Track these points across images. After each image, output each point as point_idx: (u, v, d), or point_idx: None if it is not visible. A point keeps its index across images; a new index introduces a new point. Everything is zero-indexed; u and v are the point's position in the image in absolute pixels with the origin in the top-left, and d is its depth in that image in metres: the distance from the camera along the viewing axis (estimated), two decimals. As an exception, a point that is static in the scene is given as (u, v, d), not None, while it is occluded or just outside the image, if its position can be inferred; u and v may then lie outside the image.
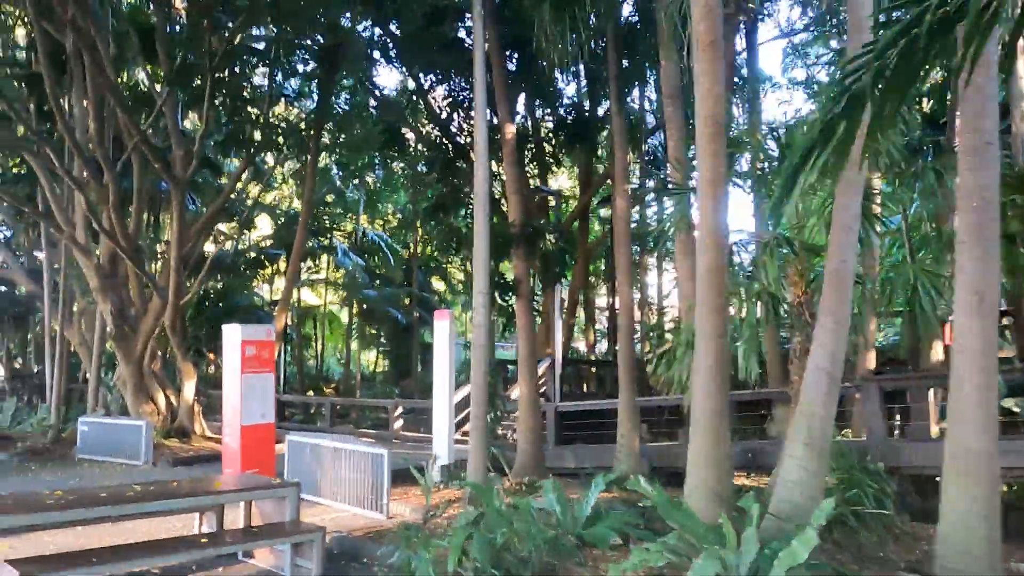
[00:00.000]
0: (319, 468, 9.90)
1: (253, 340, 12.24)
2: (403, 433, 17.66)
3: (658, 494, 4.86)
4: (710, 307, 5.31)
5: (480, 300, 8.04)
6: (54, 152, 14.17)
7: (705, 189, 5.18)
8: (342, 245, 25.22)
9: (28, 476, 12.98)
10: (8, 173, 21.06)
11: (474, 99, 8.41)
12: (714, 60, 5.12)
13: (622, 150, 11.46)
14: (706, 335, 5.35)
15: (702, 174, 5.24)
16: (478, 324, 8.13)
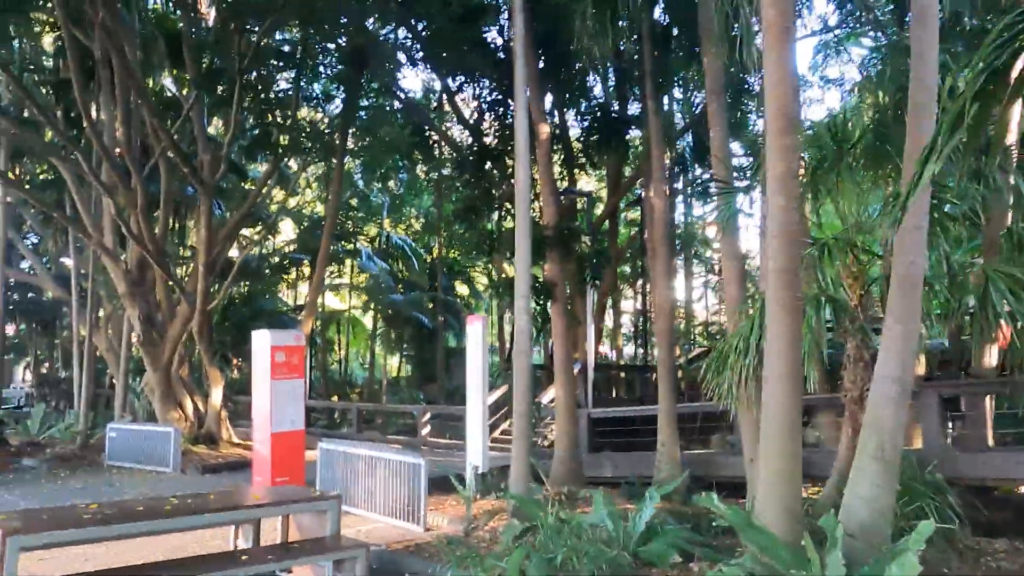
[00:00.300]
0: (352, 477, 9.66)
1: (283, 345, 12.06)
2: (431, 439, 17.42)
3: (733, 512, 4.54)
4: (785, 309, 4.97)
5: (522, 304, 7.76)
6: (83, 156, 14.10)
7: (775, 185, 4.87)
8: (366, 249, 25.08)
9: (58, 484, 12.88)
10: (36, 179, 21.13)
11: (513, 97, 8.14)
12: (786, 48, 4.81)
13: (659, 149, 11.14)
14: (779, 339, 5.02)
15: (772, 170, 4.93)
16: (520, 329, 7.85)
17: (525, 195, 7.71)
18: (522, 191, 7.70)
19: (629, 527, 5.97)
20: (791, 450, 5.12)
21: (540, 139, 11.23)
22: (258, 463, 12.11)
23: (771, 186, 4.94)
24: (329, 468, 10.19)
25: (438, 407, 19.40)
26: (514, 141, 12.99)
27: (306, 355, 20.40)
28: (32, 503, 10.98)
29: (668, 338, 10.67)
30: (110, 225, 16.25)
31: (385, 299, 23.41)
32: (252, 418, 18.78)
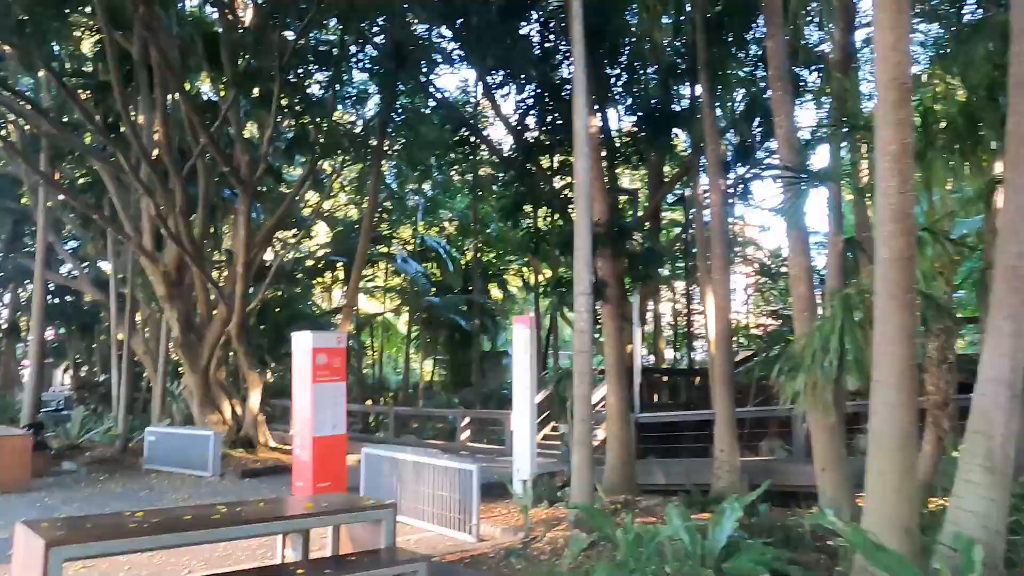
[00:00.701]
0: (399, 484, 9.30)
1: (324, 347, 11.76)
2: (470, 444, 17.05)
3: (854, 532, 4.06)
4: (898, 304, 4.49)
5: (582, 302, 7.33)
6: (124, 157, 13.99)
7: (889, 165, 4.39)
8: (401, 251, 24.84)
9: (97, 487, 12.73)
10: (75, 183, 21.20)
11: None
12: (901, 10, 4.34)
13: (714, 142, 10.68)
14: (892, 338, 4.53)
15: (882, 147, 4.45)
16: (580, 329, 7.42)
17: (585, 188, 7.29)
18: (582, 184, 7.28)
19: (708, 541, 5.51)
20: (906, 463, 4.62)
21: (590, 132, 10.79)
22: (299, 468, 11.81)
23: (883, 166, 4.46)
24: (373, 474, 9.84)
25: (477, 411, 19.04)
26: (561, 136, 12.71)
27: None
28: (72, 507, 10.81)
29: (726, 340, 10.17)
30: (149, 227, 16.17)
31: (422, 301, 23.09)
32: (292, 422, 18.72)
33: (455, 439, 18.09)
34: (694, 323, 21.62)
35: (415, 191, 26.65)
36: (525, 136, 12.71)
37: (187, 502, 11.23)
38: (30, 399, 17.03)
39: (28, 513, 10.34)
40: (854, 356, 6.40)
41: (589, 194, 7.33)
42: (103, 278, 22.32)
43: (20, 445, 12.60)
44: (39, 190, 17.48)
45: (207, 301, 16.34)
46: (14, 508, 10.78)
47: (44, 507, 10.87)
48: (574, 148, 7.34)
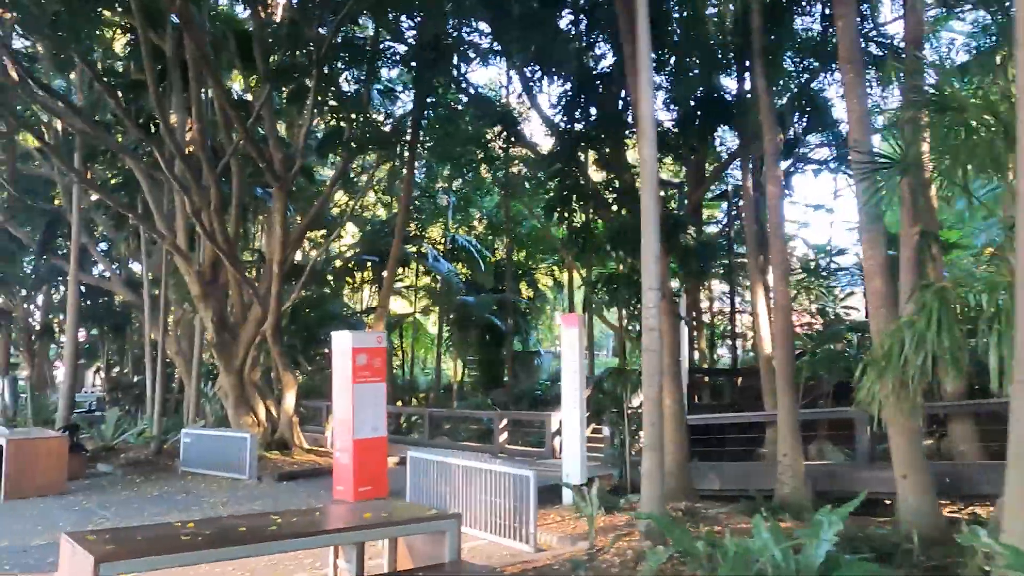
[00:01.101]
0: (447, 489, 8.90)
1: (364, 347, 11.46)
2: (508, 446, 16.61)
3: (1015, 553, 3.57)
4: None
5: (651, 298, 6.88)
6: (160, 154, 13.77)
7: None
8: (433, 250, 24.49)
9: (134, 490, 12.51)
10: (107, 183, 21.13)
11: (637, 68, 7.29)
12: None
13: (771, 131, 10.15)
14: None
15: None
16: (649, 327, 6.96)
17: (652, 175, 6.83)
18: (648, 171, 6.82)
19: (803, 557, 5.03)
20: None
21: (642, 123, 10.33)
22: (339, 472, 11.50)
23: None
24: (420, 479, 9.45)
25: (517, 412, 18.61)
26: (607, 128, 12.27)
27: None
28: (110, 511, 10.57)
29: (787, 338, 9.65)
30: (183, 226, 15.98)
31: (455, 301, 22.71)
32: (324, 423, 18.47)
33: (490, 441, 17.69)
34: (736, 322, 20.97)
35: (446, 190, 26.30)
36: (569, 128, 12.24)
37: (226, 506, 10.95)
38: (65, 401, 16.90)
39: (66, 517, 10.12)
40: (952, 355, 5.88)
41: (656, 181, 6.88)
42: (135, 279, 22.26)
43: (57, 448, 12.42)
44: (73, 191, 17.37)
45: (241, 301, 16.10)
46: (52, 512, 10.57)
47: (82, 511, 10.64)
48: (638, 132, 6.90)
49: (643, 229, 6.92)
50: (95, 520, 9.93)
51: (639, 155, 6.85)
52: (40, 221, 21.50)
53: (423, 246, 25.61)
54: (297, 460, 15.14)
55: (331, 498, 11.41)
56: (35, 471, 11.97)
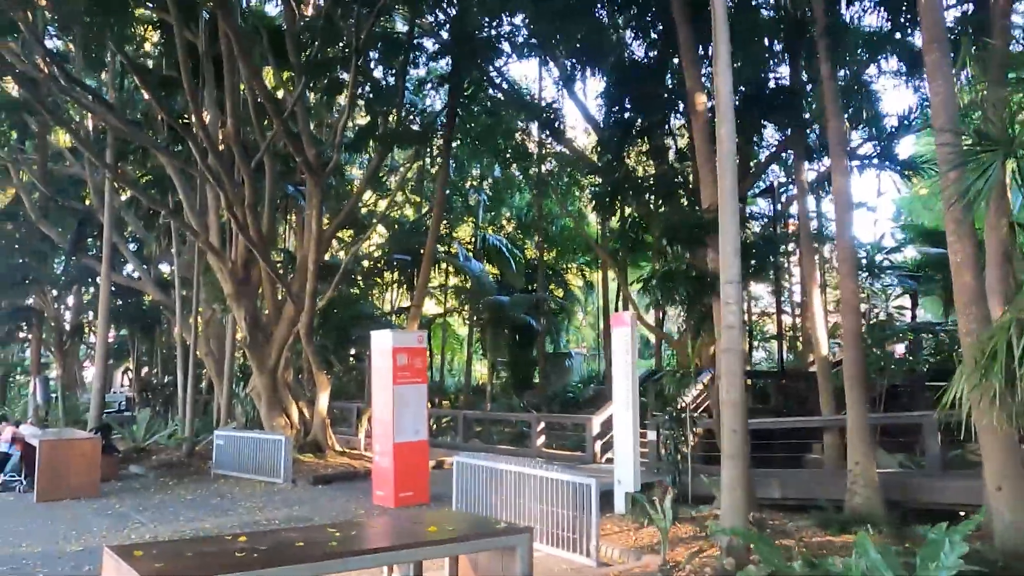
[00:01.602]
0: (497, 497, 8.42)
1: (405, 347, 11.06)
2: (546, 450, 16.12)
3: None
4: None
5: (731, 292, 6.35)
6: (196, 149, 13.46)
7: None
8: (464, 250, 24.07)
9: (167, 493, 12.20)
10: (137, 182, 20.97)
11: (714, 48, 6.77)
12: None
13: (836, 119, 9.59)
14: None
15: None
16: (729, 324, 6.44)
17: (730, 158, 6.30)
18: (726, 154, 6.29)
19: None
20: None
21: (696, 109, 9.84)
22: (379, 476, 11.09)
23: None
24: (469, 485, 8.97)
25: (554, 415, 18.12)
26: (662, 115, 11.75)
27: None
28: (145, 516, 10.24)
29: (856, 338, 9.06)
30: (215, 224, 15.71)
31: (488, 301, 22.25)
32: (354, 426, 18.12)
33: (525, 444, 17.22)
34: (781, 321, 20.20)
35: (476, 188, 25.88)
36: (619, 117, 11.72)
37: (263, 512, 10.57)
38: (96, 401, 16.68)
39: (100, 522, 9.80)
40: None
41: (734, 165, 6.35)
42: (164, 279, 22.08)
43: (90, 449, 12.15)
44: (104, 190, 17.16)
45: (274, 299, 15.79)
46: (86, 516, 10.26)
47: (116, 515, 10.32)
48: (717, 113, 6.38)
49: (721, 218, 6.40)
50: (130, 525, 9.60)
51: (718, 137, 6.33)
52: (71, 221, 21.37)
53: (453, 245, 25.23)
54: (331, 463, 14.76)
55: (370, 503, 11.00)
56: (68, 473, 11.70)
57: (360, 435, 17.14)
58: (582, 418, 15.82)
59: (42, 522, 9.83)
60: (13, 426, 13.55)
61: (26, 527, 9.48)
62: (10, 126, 18.62)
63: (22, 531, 9.26)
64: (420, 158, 20.45)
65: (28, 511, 10.73)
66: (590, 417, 15.22)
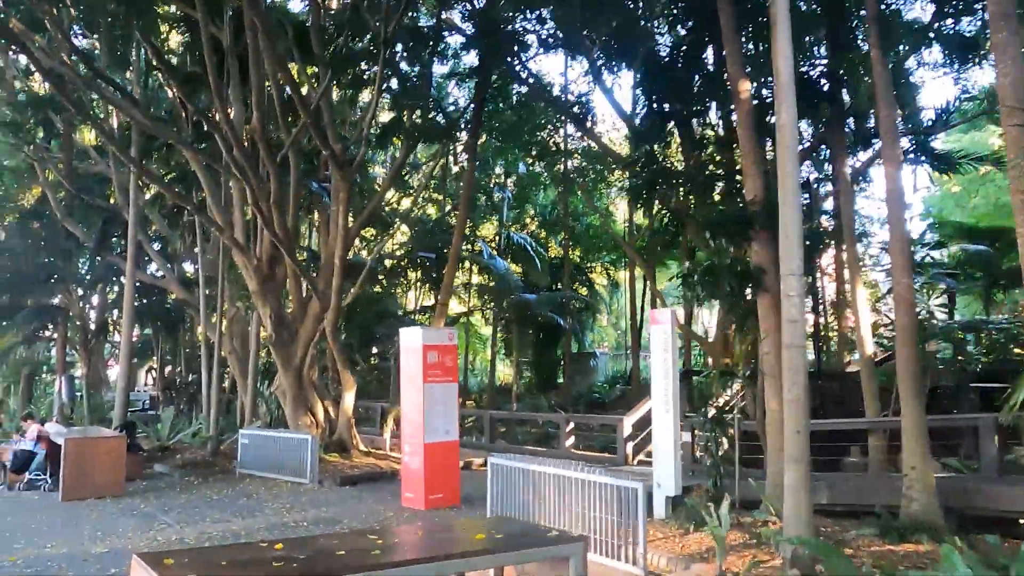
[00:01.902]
0: (536, 501, 8.07)
1: (435, 344, 10.74)
2: (576, 451, 15.75)
3: None
4: None
5: (793, 285, 5.95)
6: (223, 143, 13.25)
7: None
8: (488, 248, 23.75)
9: (192, 493, 11.98)
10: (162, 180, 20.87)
11: (773, 28, 6.37)
12: None
13: (888, 107, 9.12)
14: None
15: None
16: (791, 318, 6.04)
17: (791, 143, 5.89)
18: (788, 138, 5.89)
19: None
20: None
21: (739, 97, 9.42)
22: (408, 477, 10.79)
23: None
24: (504, 489, 8.63)
25: (584, 416, 17.75)
26: (702, 104, 11.33)
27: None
28: (170, 516, 10.02)
29: (911, 336, 8.58)
30: (240, 220, 15.51)
31: (514, 299, 21.90)
32: (380, 426, 17.85)
33: (553, 445, 16.87)
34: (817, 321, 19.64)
35: (500, 186, 25.55)
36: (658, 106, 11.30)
37: (290, 513, 10.31)
38: (121, 399, 16.55)
39: (126, 522, 9.59)
40: None
41: (795, 149, 5.94)
42: (187, 278, 21.98)
43: (115, 447, 11.96)
44: (129, 188, 17.04)
45: (300, 296, 15.55)
46: (111, 516, 10.06)
47: (141, 515, 10.10)
48: (776, 95, 5.98)
49: (782, 207, 6.00)
50: (156, 526, 9.37)
51: (778, 121, 5.93)
52: (96, 219, 21.35)
53: (477, 243, 24.92)
54: (357, 463, 14.49)
55: (399, 505, 10.69)
56: (93, 472, 11.53)
57: (385, 435, 16.87)
58: (613, 419, 15.42)
59: (67, 522, 9.63)
60: (38, 424, 13.42)
61: (51, 527, 9.29)
62: (36, 123, 18.55)
63: (47, 531, 9.07)
64: (443, 156, 20.17)
65: (53, 510, 10.55)
66: (621, 418, 14.83)
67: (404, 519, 9.80)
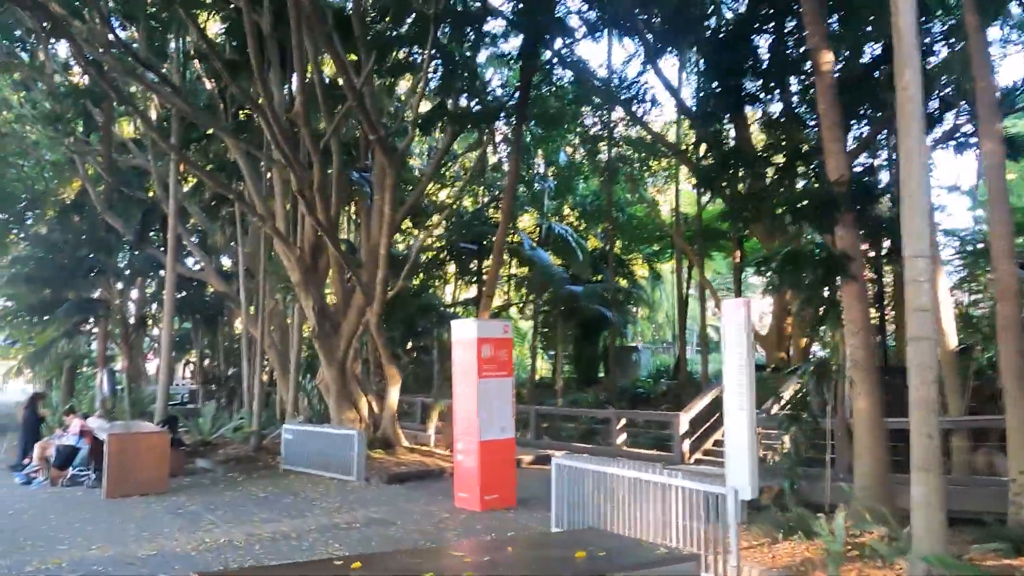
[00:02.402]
0: (607, 505, 7.49)
1: (490, 338, 10.20)
2: (628, 449, 15.14)
3: None
4: None
5: (920, 268, 5.29)
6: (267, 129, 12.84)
7: None
8: (528, 239, 23.15)
9: (237, 490, 11.62)
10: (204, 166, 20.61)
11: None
12: None
13: (986, 77, 8.36)
14: None
15: None
16: (919, 306, 5.38)
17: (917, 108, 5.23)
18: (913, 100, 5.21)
19: None
20: None
21: (820, 69, 8.71)
22: (462, 477, 10.28)
23: None
24: (567, 490, 8.07)
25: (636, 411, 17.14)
26: (778, 79, 10.60)
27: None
28: (216, 515, 9.64)
29: (1015, 326, 7.83)
30: (281, 211, 15.14)
31: (559, 292, 21.29)
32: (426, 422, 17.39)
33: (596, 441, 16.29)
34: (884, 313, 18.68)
35: (541, 177, 24.93)
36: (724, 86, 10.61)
37: (339, 513, 9.87)
38: (163, 393, 16.32)
39: (172, 522, 9.22)
40: None
41: (922, 117, 5.28)
42: (226, 270, 21.75)
43: (158, 443, 11.65)
44: (169, 180, 16.78)
45: (343, 288, 15.14)
46: (156, 515, 9.70)
47: (187, 514, 9.73)
48: (897, 55, 5.29)
49: (906, 179, 5.33)
50: (203, 526, 8.99)
51: (899, 83, 5.26)
52: (135, 212, 21.22)
53: (516, 235, 24.34)
54: (403, 460, 14.05)
55: (453, 506, 10.19)
56: (137, 468, 11.22)
57: (430, 430, 16.42)
58: (668, 415, 14.78)
59: (112, 521, 9.30)
60: (81, 419, 13.19)
61: (95, 527, 8.95)
62: (76, 115, 18.40)
63: (91, 530, 8.73)
64: (487, 145, 19.63)
65: (97, 508, 10.25)
66: (677, 414, 14.20)
67: (460, 521, 9.29)
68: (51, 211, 24.89)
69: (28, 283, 21.96)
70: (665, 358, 33.08)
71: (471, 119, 14.69)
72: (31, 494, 11.40)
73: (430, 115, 14.77)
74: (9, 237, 26.67)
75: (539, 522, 8.97)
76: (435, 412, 16.55)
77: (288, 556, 7.48)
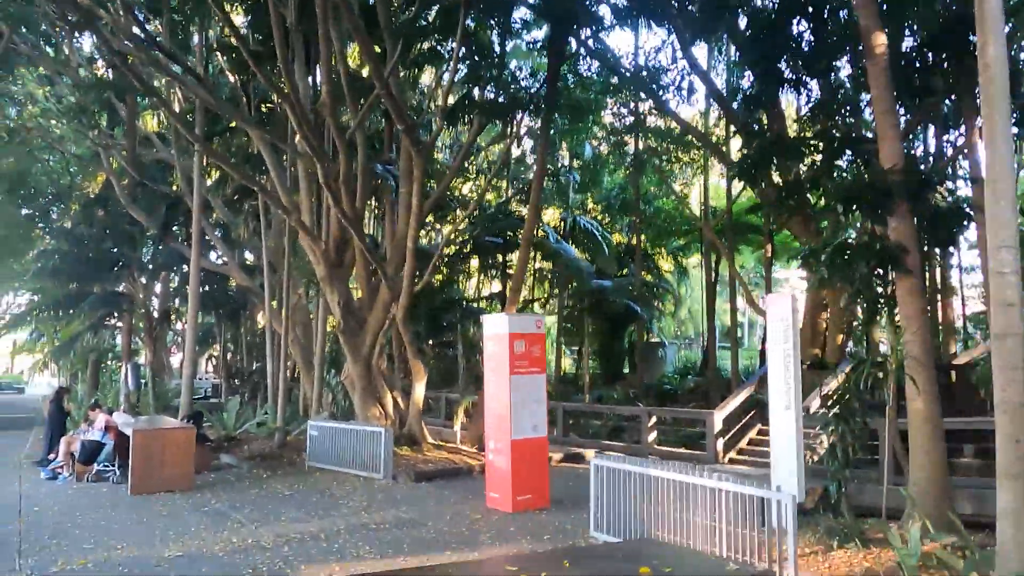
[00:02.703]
0: (651, 508, 7.14)
1: (522, 333, 9.87)
2: (659, 448, 14.77)
3: None
4: None
5: (1008, 260, 4.87)
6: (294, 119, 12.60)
7: None
8: (553, 233, 22.81)
9: (263, 488, 11.41)
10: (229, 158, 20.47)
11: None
12: None
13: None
14: None
15: None
16: (1004, 300, 4.98)
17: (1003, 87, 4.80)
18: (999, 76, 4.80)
19: None
20: None
21: (873, 52, 8.27)
22: (494, 476, 9.97)
23: None
24: (607, 493, 7.73)
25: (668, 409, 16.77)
26: (827, 63, 10.14)
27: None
28: (243, 513, 9.43)
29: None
30: (306, 204, 14.91)
31: (586, 286, 20.94)
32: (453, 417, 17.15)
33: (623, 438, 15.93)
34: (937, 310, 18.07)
35: (567, 169, 24.54)
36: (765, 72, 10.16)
37: (368, 512, 9.61)
38: (187, 388, 16.19)
39: (198, 520, 9.00)
40: None
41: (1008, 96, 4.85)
42: (249, 265, 21.61)
43: (185, 439, 11.46)
44: (193, 174, 16.63)
45: (368, 283, 14.89)
46: (182, 513, 9.50)
47: (213, 512, 9.53)
48: (980, 29, 4.85)
49: (991, 164, 4.92)
50: (230, 525, 8.77)
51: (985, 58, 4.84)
52: (159, 206, 21.17)
53: (541, 228, 23.99)
54: (429, 457, 13.79)
55: (484, 505, 9.90)
56: (162, 464, 11.05)
57: (456, 427, 16.16)
58: (701, 413, 14.38)
59: (137, 518, 9.11)
60: (106, 414, 13.06)
61: (121, 525, 8.76)
62: (100, 107, 18.32)
63: (116, 528, 8.54)
64: (512, 138, 19.29)
65: (122, 505, 10.07)
66: (711, 412, 13.80)
67: (493, 523, 8.98)
68: (76, 205, 24.93)
69: (53, 277, 21.99)
70: (690, 354, 32.61)
71: (500, 109, 14.33)
72: (57, 490, 11.27)
73: (457, 105, 14.45)
74: (35, 231, 26.81)
75: (575, 524, 8.65)
76: (461, 409, 16.28)
77: (318, 558, 7.24)
